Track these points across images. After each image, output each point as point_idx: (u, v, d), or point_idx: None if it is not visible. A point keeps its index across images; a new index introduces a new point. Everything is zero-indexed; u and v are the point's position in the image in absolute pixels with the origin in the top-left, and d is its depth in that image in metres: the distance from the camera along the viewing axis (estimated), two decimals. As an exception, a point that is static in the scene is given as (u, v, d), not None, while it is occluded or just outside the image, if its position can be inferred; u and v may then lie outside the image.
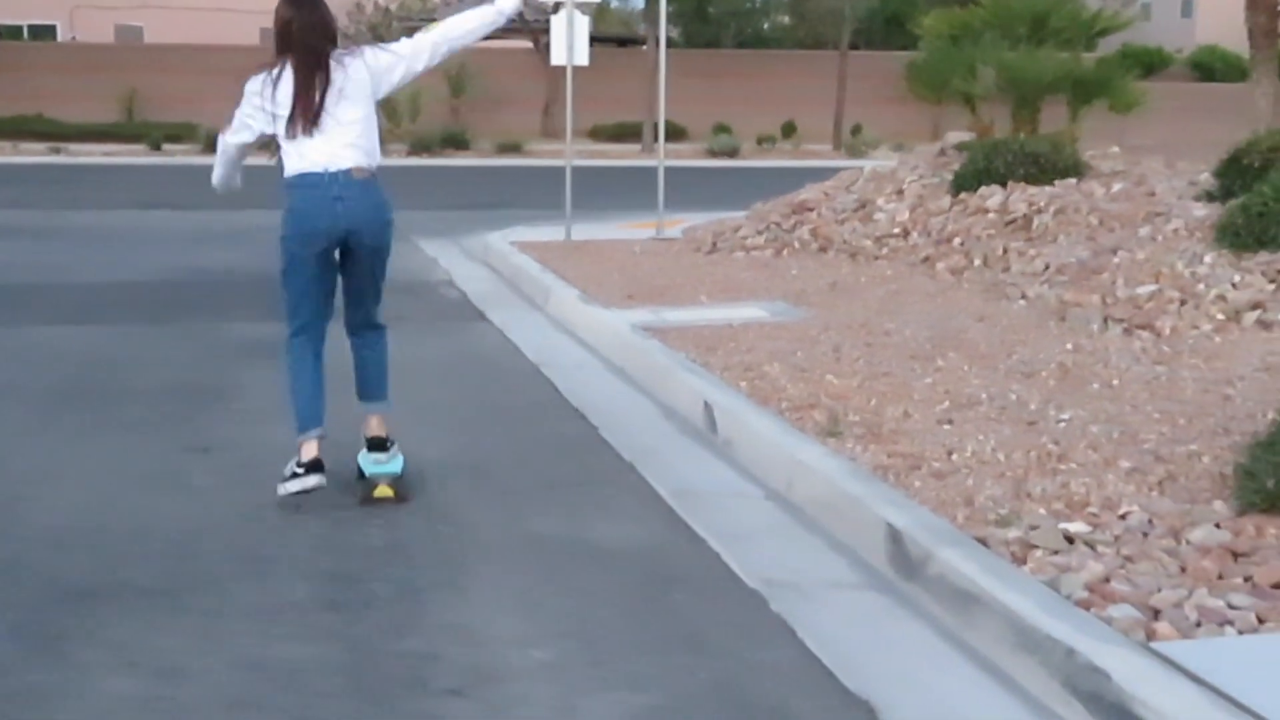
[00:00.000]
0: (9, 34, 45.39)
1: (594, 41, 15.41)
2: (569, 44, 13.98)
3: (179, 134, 33.53)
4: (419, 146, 32.18)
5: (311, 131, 5.54)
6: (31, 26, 46.44)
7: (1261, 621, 3.93)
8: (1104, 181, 11.80)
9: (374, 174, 5.67)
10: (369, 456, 5.93)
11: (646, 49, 35.44)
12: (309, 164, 5.55)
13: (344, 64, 5.62)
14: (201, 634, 4.26)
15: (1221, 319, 8.17)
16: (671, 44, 34.23)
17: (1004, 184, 11.84)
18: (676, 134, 32.91)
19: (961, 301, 9.52)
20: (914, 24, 24.91)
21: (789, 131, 37.46)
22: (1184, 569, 4.32)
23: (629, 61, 37.28)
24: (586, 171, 19.15)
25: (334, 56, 5.62)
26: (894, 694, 3.89)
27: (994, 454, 5.66)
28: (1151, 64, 43.01)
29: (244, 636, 4.26)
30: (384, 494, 5.77)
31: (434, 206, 18.69)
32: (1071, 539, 4.61)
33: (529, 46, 38.77)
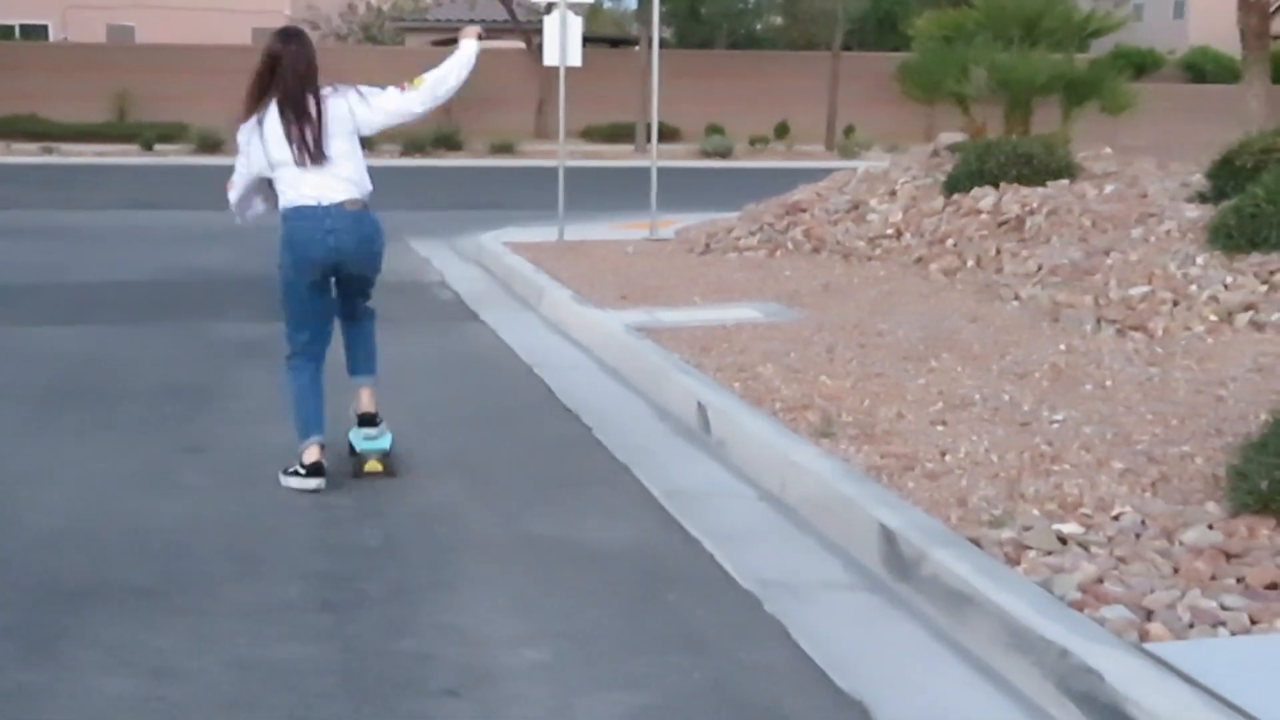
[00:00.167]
0: (1, 34, 45.33)
1: (587, 42, 15.39)
2: (562, 44, 13.99)
3: (171, 134, 33.50)
4: (411, 147, 32.14)
5: (306, 165, 5.77)
6: (23, 26, 46.37)
7: (1254, 622, 3.94)
8: (1096, 183, 11.82)
9: (365, 204, 5.93)
10: (359, 432, 6.15)
11: (639, 49, 35.48)
12: (302, 197, 5.80)
13: (327, 101, 5.86)
14: (196, 634, 4.26)
15: (1214, 320, 8.18)
16: (664, 44, 34.26)
17: (997, 185, 11.86)
18: (669, 135, 32.85)
19: (954, 302, 9.53)
20: (906, 25, 24.92)
21: (782, 132, 37.47)
22: (1177, 570, 4.33)
23: (622, 62, 37.27)
24: (579, 172, 19.18)
25: (318, 94, 5.84)
26: (887, 694, 3.90)
27: (987, 455, 5.67)
28: (1144, 65, 43.05)
29: (238, 637, 4.26)
30: (374, 469, 6.04)
31: (426, 207, 18.69)
32: (1065, 540, 4.61)
33: (522, 47, 38.76)
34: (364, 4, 49.47)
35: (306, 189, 5.79)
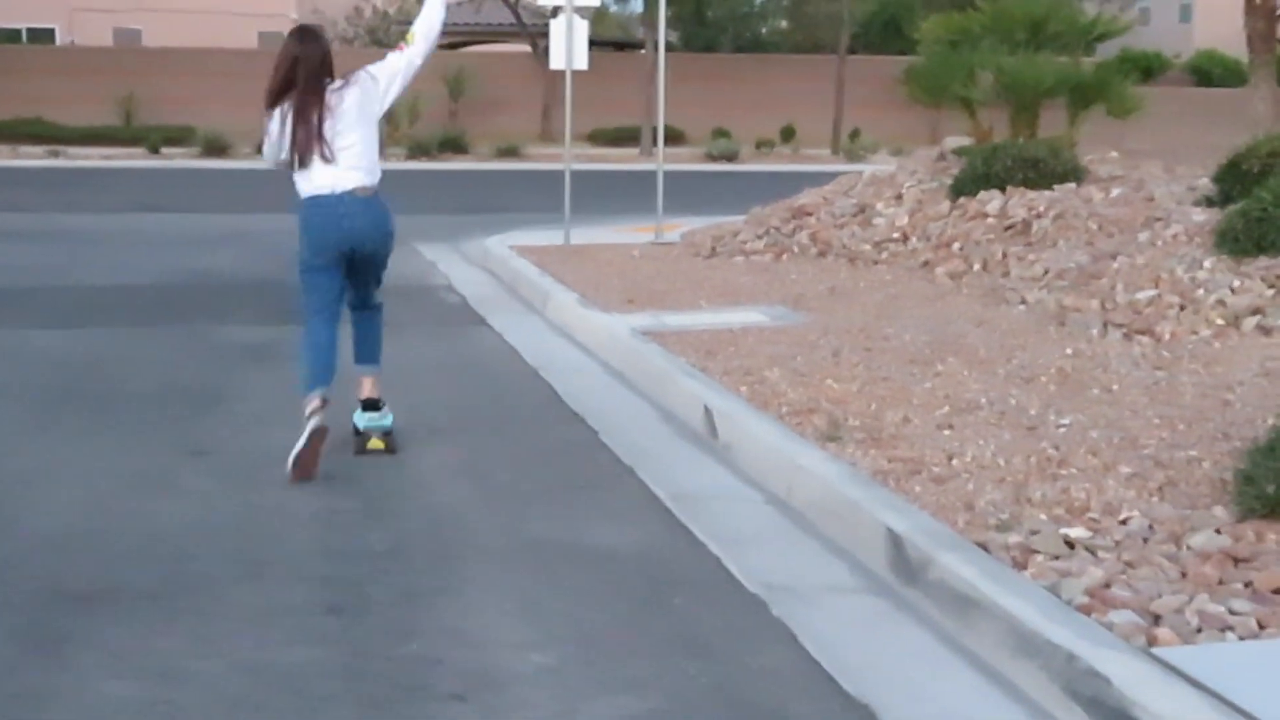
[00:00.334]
0: (7, 37, 45.39)
1: (593, 45, 15.41)
2: (568, 48, 14.00)
3: (178, 137, 33.58)
4: (418, 150, 32.17)
5: (313, 162, 6.28)
6: (30, 29, 46.46)
7: (1262, 627, 3.93)
8: (1103, 186, 11.81)
9: (375, 191, 6.41)
10: (363, 415, 6.60)
11: (645, 53, 35.50)
12: (317, 187, 6.32)
13: (340, 94, 6.31)
14: (201, 637, 4.26)
15: (1221, 324, 8.16)
16: (670, 48, 34.23)
17: (1003, 189, 11.85)
18: (675, 138, 32.94)
19: (961, 306, 9.52)
20: (912, 28, 24.91)
21: (788, 136, 37.48)
22: (1184, 574, 4.32)
23: (627, 65, 37.34)
24: (585, 175, 19.16)
25: (330, 89, 6.31)
26: (894, 699, 3.89)
27: (994, 459, 5.66)
28: (1150, 69, 43.08)
29: (243, 640, 4.25)
30: (376, 446, 6.50)
31: (432, 210, 18.69)
32: (1072, 544, 4.60)
33: (528, 50, 38.81)
34: (370, 7, 49.56)
35: (321, 180, 6.29)
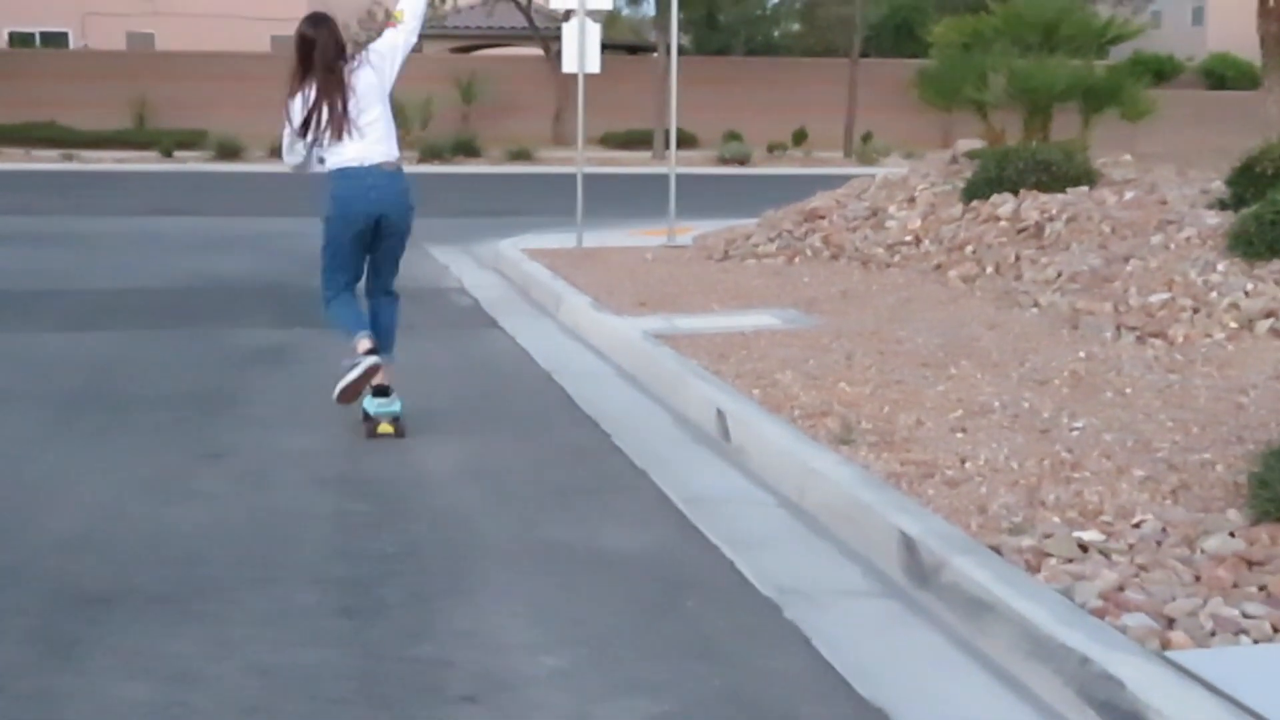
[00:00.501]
0: (21, 41, 45.55)
1: (605, 49, 15.42)
2: (580, 51, 14.01)
3: (190, 140, 33.68)
4: (430, 154, 32.21)
5: (343, 138, 6.70)
6: (43, 34, 46.60)
7: (1276, 631, 3.91)
8: (1116, 189, 11.79)
9: (398, 165, 6.89)
10: (374, 401, 6.89)
11: (657, 56, 35.53)
12: (346, 160, 6.73)
13: (358, 74, 6.79)
14: (213, 640, 4.26)
15: (1234, 327, 8.15)
16: (682, 51, 34.26)
17: (1016, 192, 11.83)
18: (687, 141, 32.93)
19: (973, 309, 9.51)
20: (925, 31, 24.89)
21: (800, 139, 37.48)
22: (1198, 578, 4.31)
23: (640, 69, 37.36)
24: (597, 179, 19.19)
25: (347, 71, 6.76)
26: (907, 702, 3.88)
27: (1007, 462, 5.65)
28: (1163, 72, 43.02)
29: (256, 642, 4.26)
30: (385, 430, 6.83)
31: (445, 214, 18.70)
32: (1085, 547, 4.59)
33: (540, 54, 38.83)
34: (382, 11, 49.66)
35: (349, 154, 6.72)
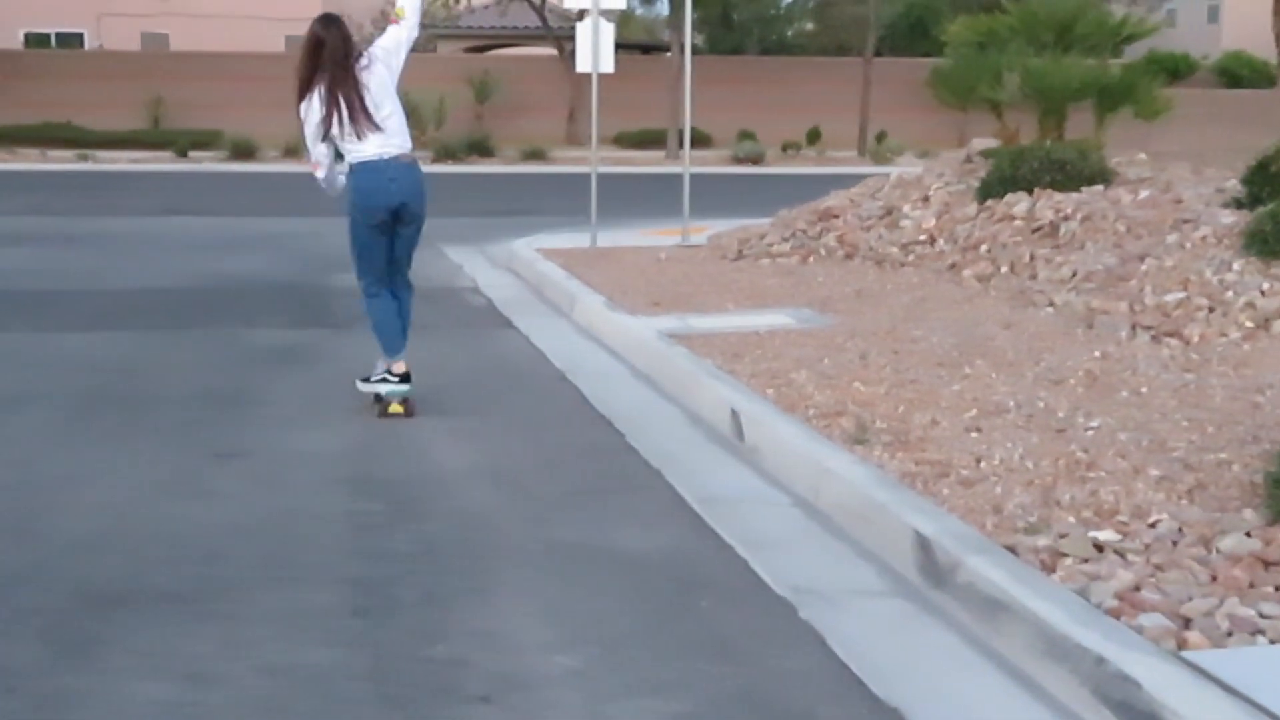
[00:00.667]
0: (37, 42, 45.70)
1: (618, 48, 15.41)
2: (594, 51, 14.00)
3: (205, 140, 33.74)
4: (444, 154, 32.22)
5: (363, 133, 7.08)
6: (59, 34, 46.74)
7: (1293, 630, 3.91)
8: (1131, 188, 11.76)
9: (414, 156, 7.28)
10: (389, 386, 7.34)
11: (671, 56, 35.50)
12: (366, 154, 7.13)
13: (370, 72, 7.14)
14: (229, 639, 4.27)
15: (1250, 327, 8.13)
16: (696, 51, 34.26)
17: (1030, 191, 11.81)
18: (701, 141, 32.92)
19: (988, 309, 9.49)
20: (939, 30, 24.87)
21: (813, 138, 37.43)
22: (1214, 577, 4.30)
23: (653, 68, 37.34)
24: (611, 178, 19.19)
25: (360, 68, 7.12)
26: (922, 702, 3.87)
27: (1022, 462, 5.65)
28: (1177, 70, 42.92)
29: (271, 642, 4.27)
30: (396, 410, 7.27)
31: (459, 213, 18.72)
32: (1101, 547, 4.59)
33: (554, 54, 38.85)
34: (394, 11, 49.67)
35: (369, 149, 7.12)
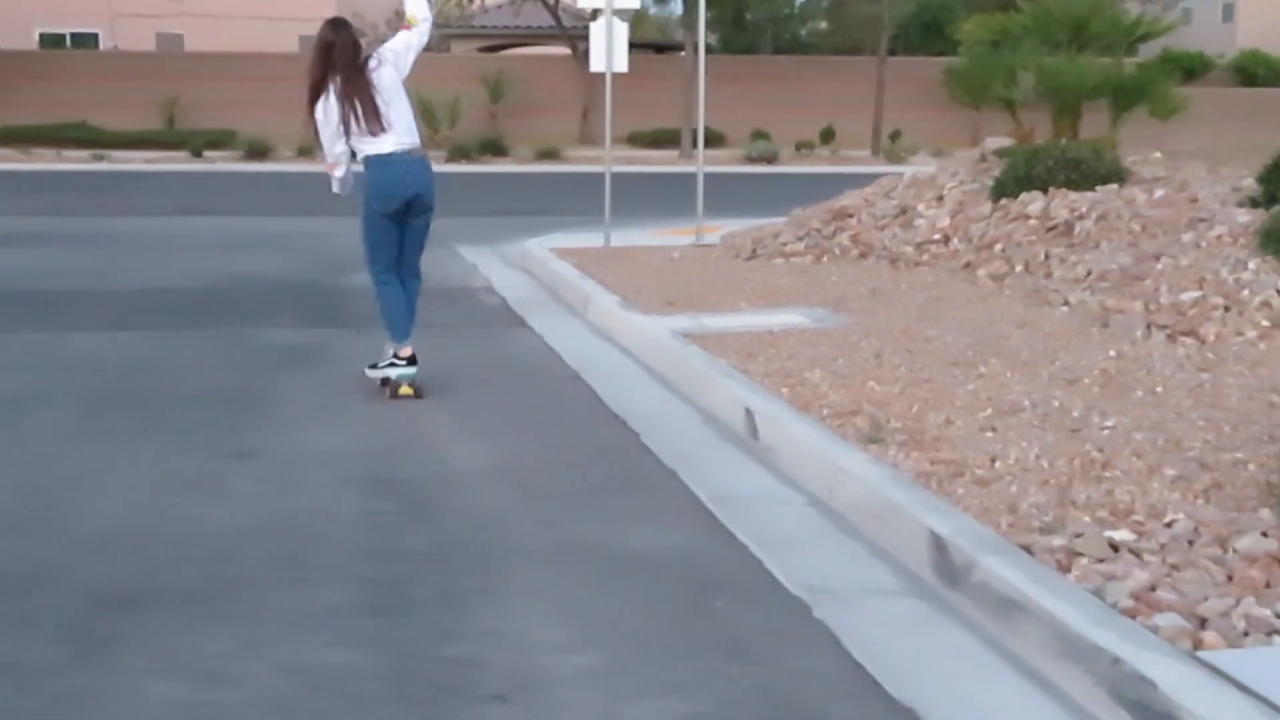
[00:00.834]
0: (52, 42, 45.83)
1: (632, 48, 15.40)
2: (608, 50, 14.00)
3: (220, 140, 33.80)
4: (457, 153, 32.23)
5: (377, 130, 7.47)
6: (74, 35, 46.86)
7: (1310, 631, 3.89)
8: (1146, 187, 11.73)
9: (423, 151, 7.73)
10: (398, 369, 7.71)
11: (684, 55, 35.49)
12: (382, 150, 7.52)
13: (380, 73, 7.54)
14: (245, 639, 4.28)
15: (1266, 326, 8.10)
16: (710, 50, 34.22)
17: (1045, 190, 11.79)
18: (714, 140, 32.87)
19: (1003, 308, 9.48)
20: (953, 29, 24.84)
21: (827, 137, 37.39)
22: (1231, 577, 4.29)
23: (667, 68, 37.32)
24: (625, 178, 19.17)
25: (371, 69, 7.51)
26: (937, 702, 3.87)
27: (1037, 461, 5.63)
28: (1192, 69, 42.80)
29: (286, 642, 4.27)
30: (406, 392, 7.66)
31: (473, 213, 18.74)
32: (1116, 547, 4.57)
33: (567, 53, 38.86)
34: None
35: (384, 145, 7.51)
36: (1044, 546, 4.58)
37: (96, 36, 47.11)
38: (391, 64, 7.60)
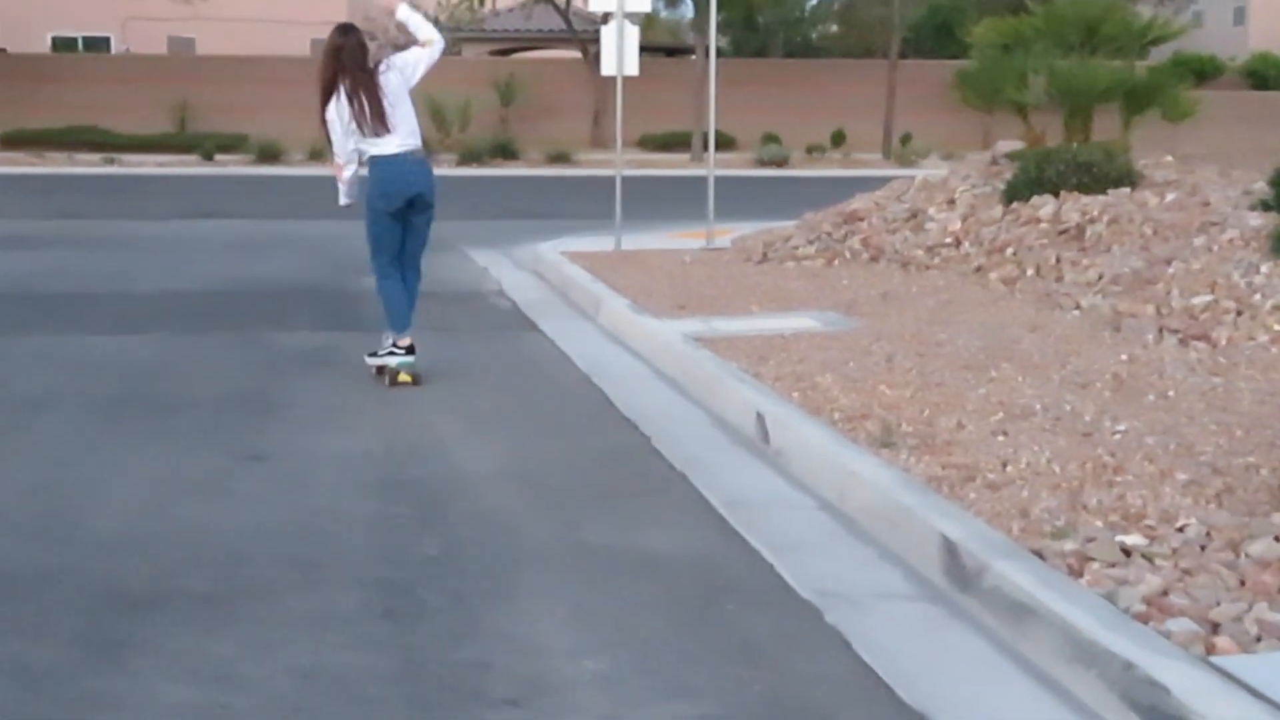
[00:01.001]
0: (64, 46, 45.94)
1: (643, 51, 15.43)
2: (619, 54, 14.01)
3: (231, 144, 33.86)
4: (469, 157, 32.27)
5: (382, 131, 7.93)
6: (86, 38, 46.95)
7: (1323, 636, 3.88)
8: (1157, 191, 11.72)
9: (424, 153, 8.21)
10: (394, 356, 8.11)
11: (695, 58, 35.52)
12: (386, 150, 7.99)
13: (387, 77, 7.98)
14: (257, 642, 4.28)
15: (1278, 330, 8.08)
16: (721, 53, 34.21)
17: (1056, 193, 11.77)
18: (725, 143, 32.89)
19: (1014, 311, 9.47)
20: (964, 32, 24.81)
21: (838, 140, 37.40)
22: (1243, 582, 4.28)
23: (677, 71, 37.36)
24: (636, 181, 19.15)
25: (379, 73, 7.96)
26: (949, 706, 3.86)
27: (1049, 465, 5.63)
28: (1204, 72, 42.73)
29: (298, 645, 4.27)
30: (404, 379, 8.05)
31: (484, 216, 18.76)
32: (1128, 551, 4.56)
33: (578, 56, 38.88)
34: (421, 14, 49.79)
35: (389, 145, 7.98)
36: (1056, 551, 4.57)
37: (108, 40, 47.19)
38: (399, 71, 8.03)
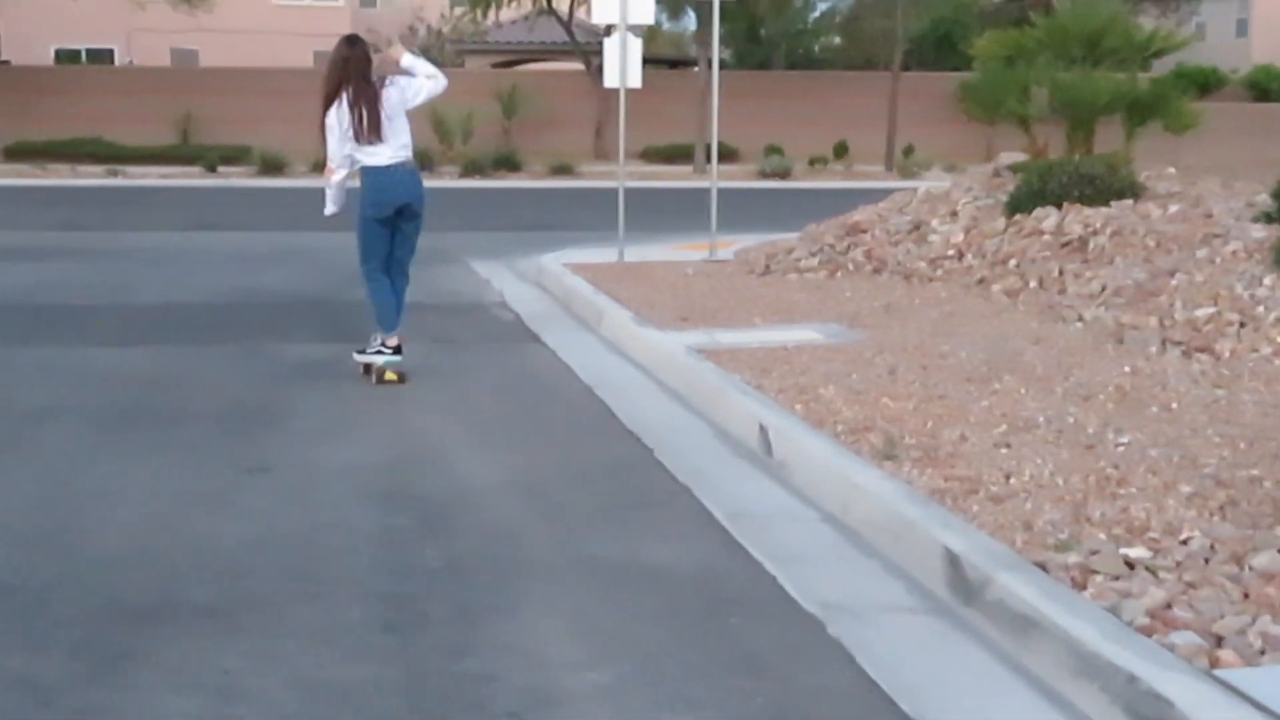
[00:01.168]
0: (67, 57, 46.04)
1: (646, 63, 15.43)
2: (622, 66, 14.02)
3: (234, 156, 33.87)
4: (471, 169, 32.28)
5: (376, 141, 8.31)
6: (89, 50, 47.06)
7: (1327, 649, 3.88)
8: (1160, 203, 11.73)
9: (415, 164, 8.59)
10: (382, 356, 8.51)
11: (698, 70, 35.54)
12: (379, 160, 8.39)
13: (388, 91, 8.35)
14: (260, 654, 4.28)
15: (1281, 342, 8.08)
16: (723, 65, 34.25)
17: (1059, 205, 11.78)
18: (728, 155, 32.86)
19: (1017, 323, 9.47)
20: (967, 45, 24.83)
21: (841, 152, 37.39)
22: (1247, 595, 4.27)
23: (680, 83, 37.36)
24: (638, 193, 19.17)
25: (379, 83, 8.32)
26: (952, 719, 3.86)
27: (1052, 478, 5.62)
28: (1207, 84, 42.74)
29: (301, 657, 4.27)
30: (390, 378, 8.43)
31: (486, 228, 18.77)
32: (1132, 564, 4.56)
33: (581, 68, 38.92)
34: (424, 27, 49.87)
35: (382, 155, 8.38)
36: (1059, 563, 4.57)
37: (112, 52, 47.30)
38: (402, 90, 8.41)
